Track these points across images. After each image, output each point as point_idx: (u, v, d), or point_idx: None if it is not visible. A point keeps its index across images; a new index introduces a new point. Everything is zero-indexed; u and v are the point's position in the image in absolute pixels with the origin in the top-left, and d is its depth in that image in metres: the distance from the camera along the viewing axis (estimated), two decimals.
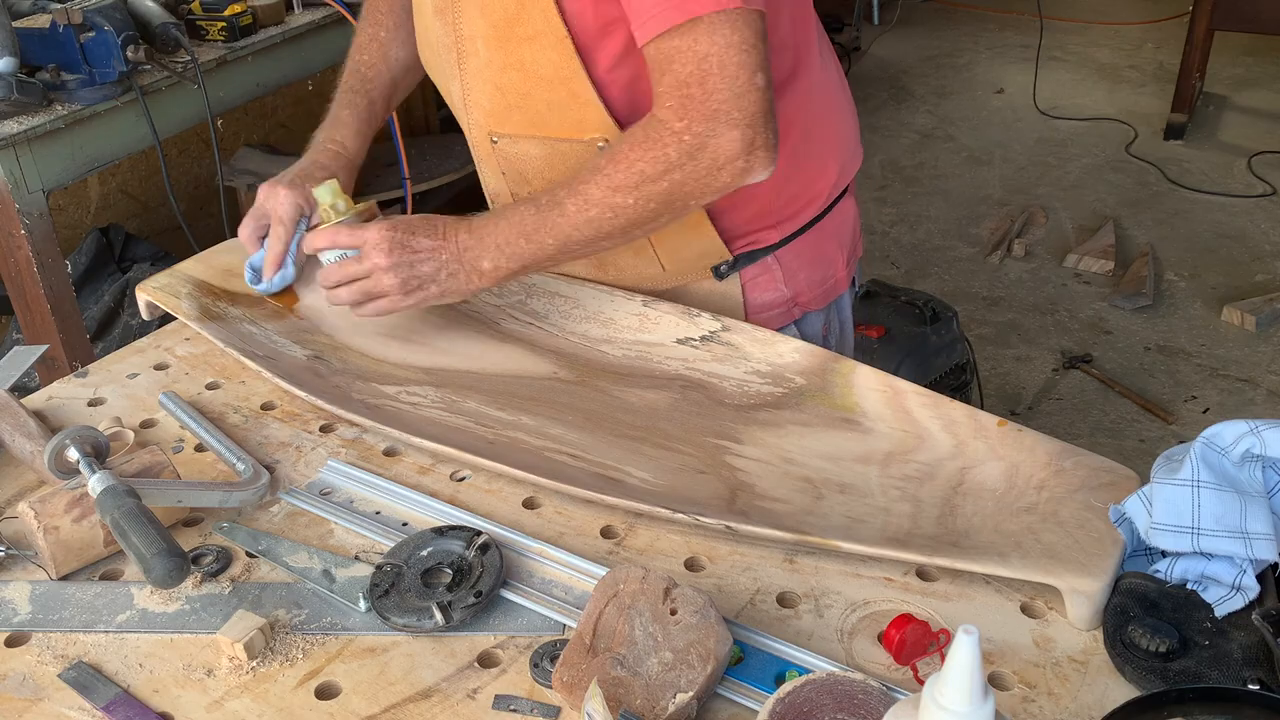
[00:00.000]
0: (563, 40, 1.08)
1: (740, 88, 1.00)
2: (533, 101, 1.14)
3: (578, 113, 1.12)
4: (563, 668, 0.80)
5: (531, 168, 1.20)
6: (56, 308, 2.07)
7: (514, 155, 1.20)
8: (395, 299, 1.13)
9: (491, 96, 1.16)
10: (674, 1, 0.99)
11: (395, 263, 1.11)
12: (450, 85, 1.21)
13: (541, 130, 1.16)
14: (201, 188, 3.17)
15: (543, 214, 1.09)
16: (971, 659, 0.58)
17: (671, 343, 1.21)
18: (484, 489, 1.04)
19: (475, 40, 1.14)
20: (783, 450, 1.06)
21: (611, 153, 1.07)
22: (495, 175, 1.25)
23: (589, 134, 1.14)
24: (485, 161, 1.25)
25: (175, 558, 0.86)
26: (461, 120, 1.23)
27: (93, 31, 2.02)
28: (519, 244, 1.10)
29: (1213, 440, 0.85)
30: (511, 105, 1.15)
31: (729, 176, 1.04)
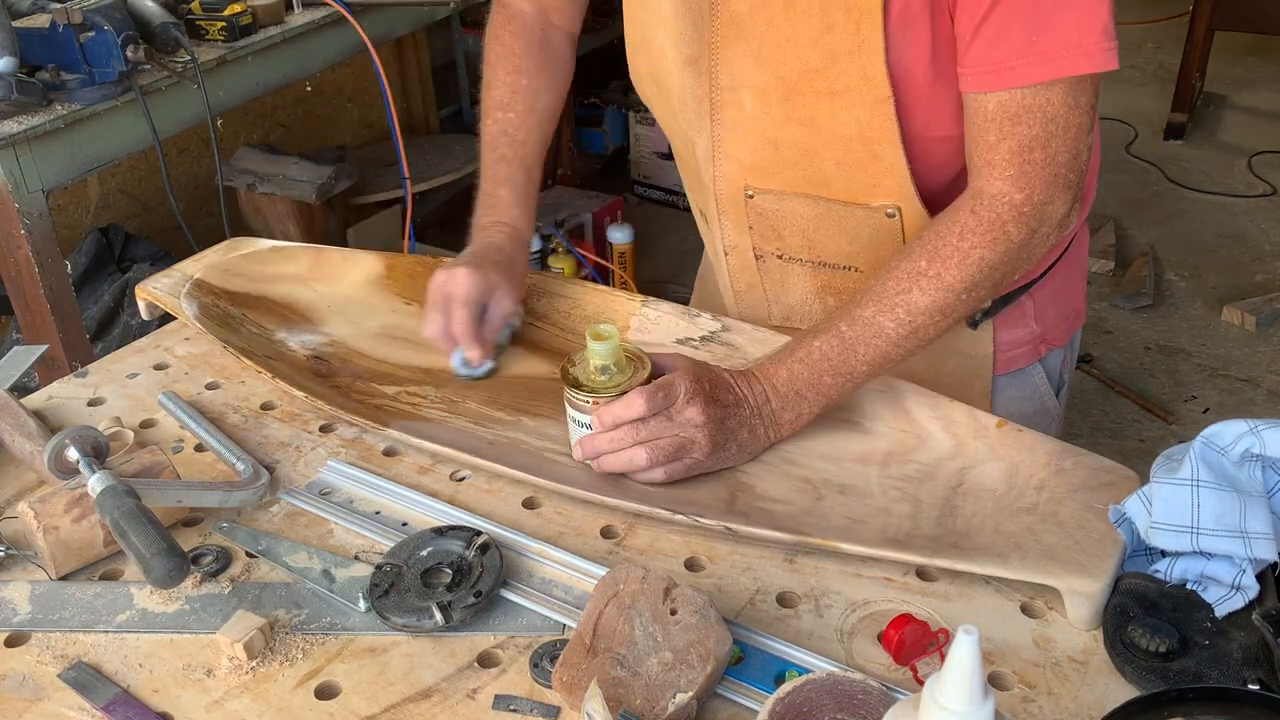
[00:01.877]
0: (882, 101, 0.98)
1: (1078, 149, 0.95)
2: (818, 160, 1.05)
3: (874, 177, 1.04)
4: (563, 668, 0.80)
5: (793, 225, 1.12)
6: (56, 308, 2.07)
7: (773, 211, 1.12)
8: (702, 459, 0.99)
9: (757, 150, 1.08)
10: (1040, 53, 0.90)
11: (710, 418, 0.98)
12: (694, 136, 1.12)
13: (821, 190, 1.07)
14: (201, 188, 3.17)
15: (849, 342, 0.99)
16: (971, 659, 0.58)
17: (671, 343, 1.21)
18: (484, 489, 1.04)
19: (739, 91, 1.05)
20: (782, 451, 1.06)
21: (934, 246, 0.97)
22: (739, 228, 1.17)
23: (879, 200, 1.05)
24: (729, 214, 1.16)
25: (175, 558, 0.86)
26: (699, 171, 1.15)
27: (92, 31, 2.02)
28: (824, 383, 1.01)
29: (1212, 440, 0.85)
30: (786, 161, 1.07)
31: (1054, 240, 0.99)
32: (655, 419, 0.98)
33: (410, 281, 1.33)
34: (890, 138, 1.01)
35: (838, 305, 1.14)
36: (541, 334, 1.26)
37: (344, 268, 1.35)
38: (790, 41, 0.99)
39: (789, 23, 0.99)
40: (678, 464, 0.99)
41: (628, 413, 0.98)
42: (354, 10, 2.47)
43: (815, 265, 1.16)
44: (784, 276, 1.19)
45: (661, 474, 0.98)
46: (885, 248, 1.09)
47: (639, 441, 0.98)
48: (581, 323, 1.26)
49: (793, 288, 1.20)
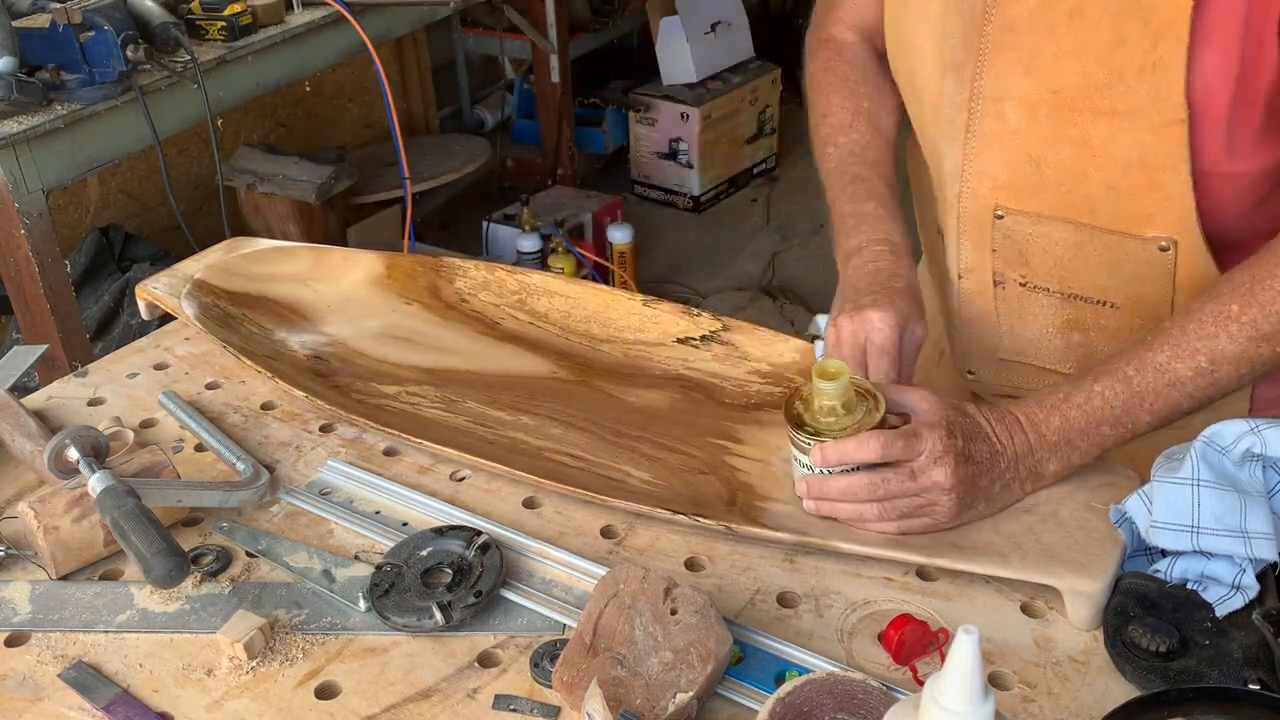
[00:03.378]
0: (1173, 125, 0.89)
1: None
2: (1085, 184, 0.97)
3: (1150, 206, 0.95)
4: (563, 667, 0.80)
5: (1044, 251, 1.03)
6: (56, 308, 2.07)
7: (1024, 235, 1.03)
8: (943, 522, 0.90)
9: (1016, 168, 1.00)
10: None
11: (959, 479, 0.88)
12: (945, 148, 1.04)
13: (1085, 217, 0.99)
14: (201, 188, 3.17)
15: (1137, 391, 0.89)
16: (971, 659, 0.58)
17: (672, 343, 1.21)
18: (484, 489, 1.04)
19: (1003, 103, 0.97)
20: (783, 450, 1.06)
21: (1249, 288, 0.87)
22: (980, 250, 1.07)
23: (1153, 231, 0.96)
24: (971, 234, 1.07)
25: (175, 558, 0.86)
26: (945, 185, 1.06)
27: (92, 31, 2.02)
28: (1100, 433, 0.91)
29: (1213, 439, 0.85)
30: (1049, 182, 0.99)
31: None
32: (896, 476, 0.89)
33: (410, 281, 1.33)
34: (1177, 166, 0.91)
35: (1082, 342, 1.07)
36: (542, 334, 1.26)
37: (344, 268, 1.35)
38: (1071, 53, 0.92)
39: (1072, 33, 0.91)
40: (914, 522, 0.90)
41: (858, 455, 0.89)
42: (354, 10, 2.47)
43: (1064, 297, 1.06)
44: (1024, 306, 1.09)
45: (893, 529, 0.91)
46: (1151, 284, 1.00)
47: (874, 499, 0.89)
48: (581, 322, 1.26)
49: (1033, 319, 1.09)
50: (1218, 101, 0.89)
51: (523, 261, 3.33)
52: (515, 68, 4.29)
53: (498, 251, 3.48)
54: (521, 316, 1.28)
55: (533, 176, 3.93)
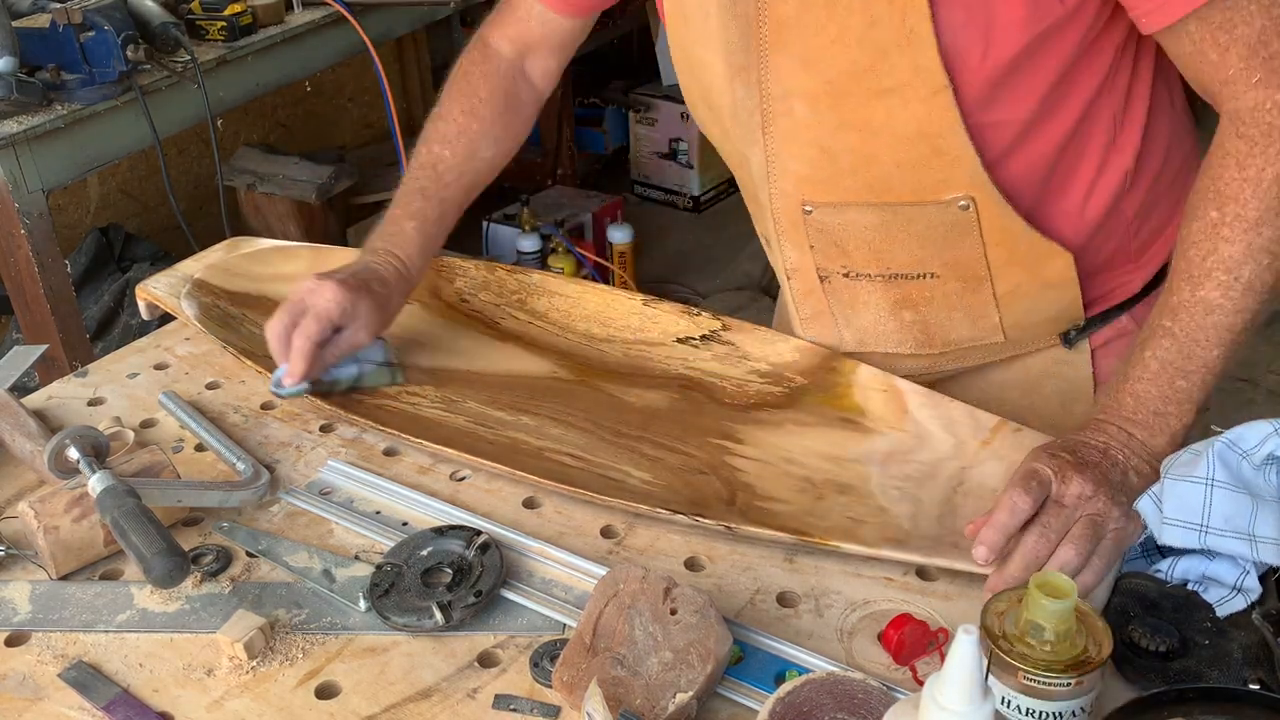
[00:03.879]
0: (939, 91, 0.93)
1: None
2: (876, 164, 1.00)
3: (940, 172, 0.98)
4: (563, 667, 0.80)
5: (856, 238, 1.05)
6: (56, 308, 2.07)
7: (833, 225, 1.05)
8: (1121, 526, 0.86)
9: (812, 162, 1.02)
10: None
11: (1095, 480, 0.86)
12: (748, 152, 1.06)
13: (883, 195, 1.01)
14: (201, 188, 3.17)
15: (1183, 337, 0.89)
16: (971, 659, 0.58)
17: (672, 342, 1.21)
18: (484, 489, 1.04)
19: (790, 100, 0.99)
20: (783, 450, 1.06)
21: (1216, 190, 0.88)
22: (799, 248, 1.10)
23: (950, 194, 0.99)
24: (788, 234, 1.09)
25: (175, 557, 0.86)
26: (755, 190, 1.09)
27: (92, 31, 2.02)
28: (1177, 389, 0.90)
29: (1236, 443, 0.84)
30: (843, 170, 1.01)
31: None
32: (1049, 514, 0.86)
33: None
34: (954, 128, 0.95)
35: (915, 319, 1.10)
36: (542, 333, 1.26)
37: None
38: (835, 42, 0.95)
39: (832, 21, 0.94)
40: (1107, 543, 0.86)
41: (1015, 519, 0.85)
42: (354, 10, 2.47)
43: (887, 279, 1.08)
44: (853, 296, 1.11)
45: (1101, 564, 0.85)
46: (962, 245, 1.03)
47: (1054, 545, 0.85)
48: (581, 322, 1.26)
49: (864, 307, 1.12)
50: (972, 62, 0.92)
51: (523, 261, 3.33)
52: None
53: (498, 251, 3.48)
54: (521, 316, 1.28)
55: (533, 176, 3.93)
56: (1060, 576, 0.74)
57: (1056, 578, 0.74)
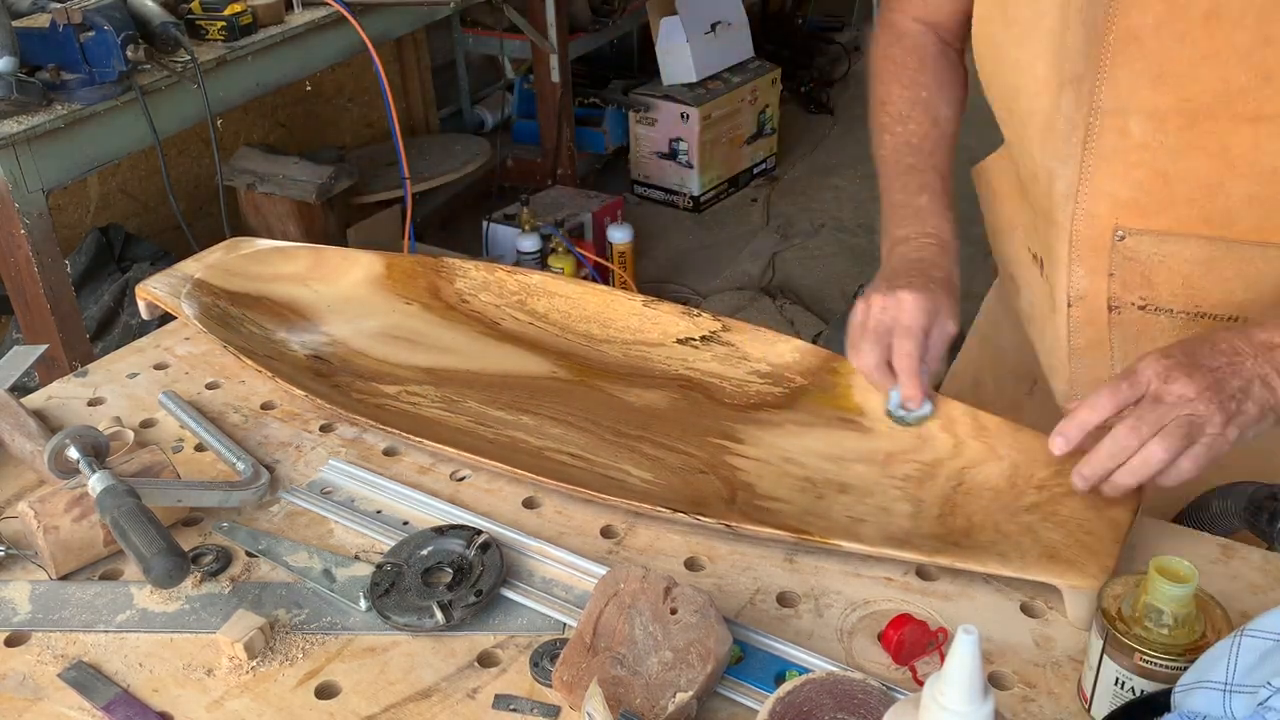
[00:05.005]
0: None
1: None
2: (1223, 195, 0.92)
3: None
4: (563, 667, 0.80)
5: (1170, 271, 0.98)
6: (56, 307, 2.07)
7: (1147, 255, 0.98)
8: (1221, 433, 0.84)
9: (1140, 185, 0.95)
10: None
11: (1203, 385, 0.84)
12: (1056, 168, 0.99)
13: (1221, 230, 0.94)
14: (201, 188, 3.17)
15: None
16: (971, 659, 0.58)
17: (672, 343, 1.21)
18: (484, 488, 1.04)
19: (1126, 117, 0.93)
20: (783, 450, 1.06)
21: None
22: (1095, 274, 1.02)
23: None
24: (1085, 259, 1.01)
25: (175, 557, 0.86)
26: (1054, 208, 1.01)
27: (92, 31, 2.02)
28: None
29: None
30: (1179, 197, 0.94)
31: None
32: (1144, 408, 0.84)
33: (410, 281, 1.33)
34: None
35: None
36: (542, 334, 1.26)
37: (344, 267, 1.35)
38: (1207, 59, 0.88)
39: (1208, 37, 0.87)
40: (1199, 447, 0.83)
41: (1095, 415, 0.86)
42: (354, 10, 2.47)
43: (1190, 317, 1.01)
44: (1142, 330, 1.04)
45: (1190, 465, 0.84)
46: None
47: (1145, 439, 0.83)
48: (581, 322, 1.26)
49: (1151, 343, 1.03)
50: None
51: (523, 261, 3.33)
52: (515, 68, 4.29)
53: (498, 251, 3.48)
54: (521, 317, 1.28)
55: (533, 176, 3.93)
56: (1181, 562, 0.75)
57: (1177, 563, 0.75)
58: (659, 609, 0.82)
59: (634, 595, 0.83)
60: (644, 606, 0.82)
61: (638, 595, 0.83)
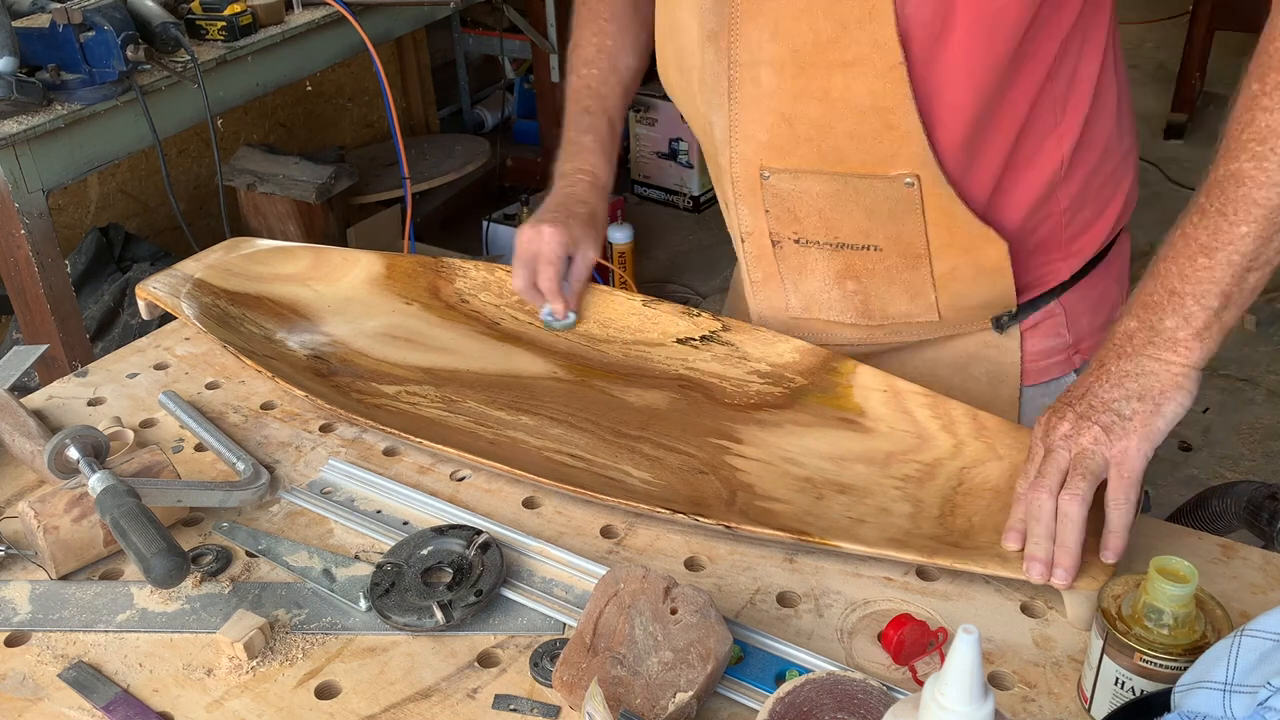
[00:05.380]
0: (894, 67, 0.97)
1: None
2: (831, 134, 1.03)
3: (890, 147, 1.02)
4: (563, 667, 0.80)
5: (808, 205, 1.09)
6: (56, 308, 2.07)
7: (787, 192, 1.09)
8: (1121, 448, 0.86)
9: (773, 129, 1.06)
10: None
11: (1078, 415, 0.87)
12: (712, 116, 1.10)
13: (835, 165, 1.05)
14: (201, 188, 3.17)
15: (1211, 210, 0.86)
16: (971, 659, 0.58)
17: (672, 343, 1.21)
18: (484, 488, 1.04)
19: (756, 68, 1.03)
20: (783, 450, 1.06)
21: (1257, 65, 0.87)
22: (755, 213, 1.13)
23: (897, 169, 1.03)
24: (745, 198, 1.13)
25: (175, 557, 0.86)
26: (718, 153, 1.13)
27: (92, 31, 2.02)
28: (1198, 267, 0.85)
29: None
30: (800, 138, 1.05)
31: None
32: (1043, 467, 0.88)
33: (410, 281, 1.33)
34: (904, 105, 0.99)
35: (856, 289, 1.14)
36: (540, 334, 1.26)
37: (344, 267, 1.35)
38: (804, 13, 0.99)
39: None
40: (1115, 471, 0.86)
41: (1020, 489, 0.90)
42: (354, 10, 2.47)
43: (834, 248, 1.12)
44: (802, 262, 1.15)
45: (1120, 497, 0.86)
46: (904, 221, 1.07)
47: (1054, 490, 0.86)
48: (582, 322, 1.26)
49: (811, 274, 1.16)
50: (926, 40, 0.96)
51: None
52: (515, 68, 4.29)
53: (498, 251, 3.48)
54: (521, 317, 1.28)
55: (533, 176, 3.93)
56: (1181, 562, 0.75)
57: (1177, 563, 0.75)
58: (659, 609, 0.82)
59: (634, 595, 0.83)
60: (644, 606, 0.82)
61: (638, 595, 0.83)
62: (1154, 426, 0.86)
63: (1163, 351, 0.87)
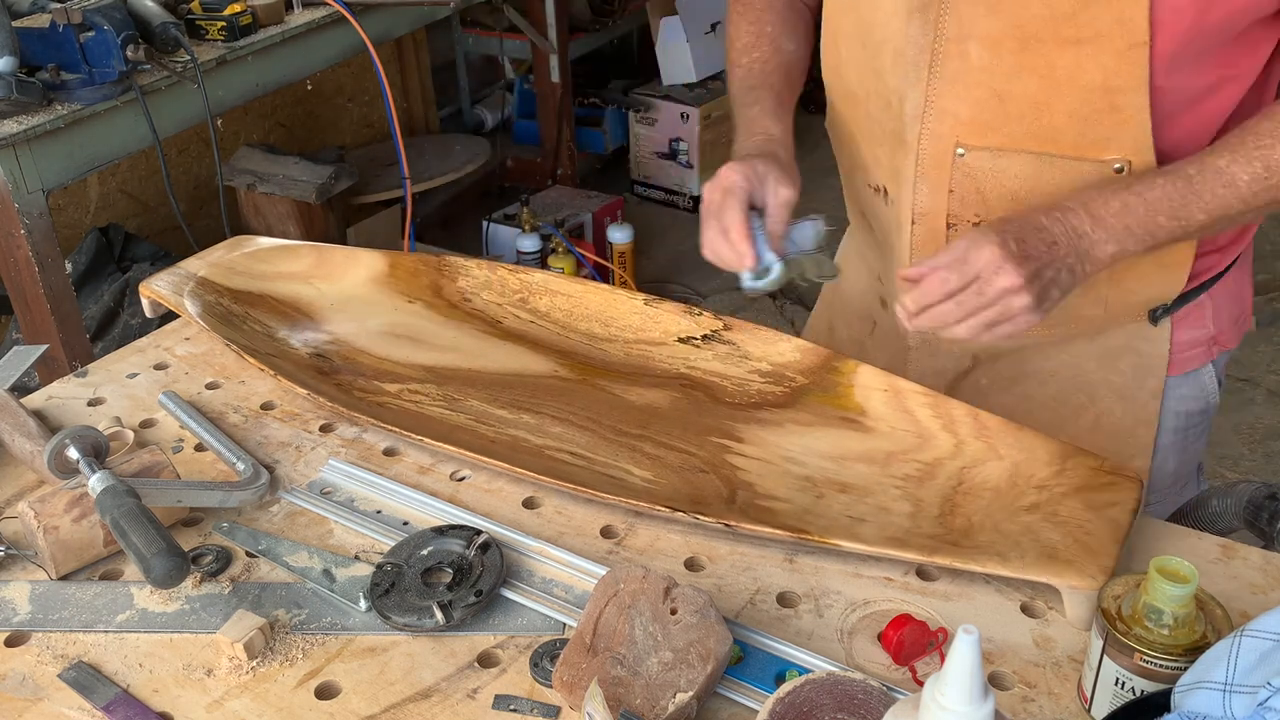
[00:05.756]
0: (1136, 46, 0.94)
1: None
2: (1048, 113, 1.01)
3: (1109, 130, 1.00)
4: (563, 667, 0.80)
5: (1002, 187, 1.07)
6: (56, 308, 2.07)
7: (983, 171, 1.06)
8: (1028, 316, 0.95)
9: (980, 103, 1.03)
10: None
11: (1026, 279, 0.93)
12: (906, 90, 1.06)
13: (1047, 146, 1.03)
14: (201, 188, 3.17)
15: (1195, 187, 0.95)
16: (971, 659, 0.58)
17: (673, 342, 1.21)
18: (484, 488, 1.04)
19: (966, 42, 1.01)
20: (783, 450, 1.06)
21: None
22: (937, 191, 1.10)
23: (1110, 154, 1.01)
24: (929, 175, 1.09)
25: (175, 558, 0.86)
26: (902, 131, 1.09)
27: (92, 31, 2.02)
28: (1156, 223, 0.96)
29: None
30: (1012, 115, 1.02)
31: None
32: (966, 293, 0.94)
33: (413, 280, 1.33)
34: (1138, 85, 0.96)
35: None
36: (543, 333, 1.26)
37: (347, 266, 1.35)
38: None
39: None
40: (1007, 326, 0.95)
41: (926, 299, 0.95)
42: (354, 10, 2.47)
43: None
44: None
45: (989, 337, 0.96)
46: None
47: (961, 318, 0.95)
48: (583, 321, 1.26)
49: None
50: (1185, 18, 0.93)
51: (523, 261, 3.33)
52: (515, 68, 4.29)
53: (498, 251, 3.48)
54: (523, 315, 1.28)
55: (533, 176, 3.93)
56: (1181, 562, 0.76)
57: (1177, 563, 0.75)
58: (659, 609, 0.82)
59: (634, 595, 0.83)
60: (644, 606, 0.82)
61: (638, 595, 0.83)
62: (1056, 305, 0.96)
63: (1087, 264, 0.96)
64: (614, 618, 0.82)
